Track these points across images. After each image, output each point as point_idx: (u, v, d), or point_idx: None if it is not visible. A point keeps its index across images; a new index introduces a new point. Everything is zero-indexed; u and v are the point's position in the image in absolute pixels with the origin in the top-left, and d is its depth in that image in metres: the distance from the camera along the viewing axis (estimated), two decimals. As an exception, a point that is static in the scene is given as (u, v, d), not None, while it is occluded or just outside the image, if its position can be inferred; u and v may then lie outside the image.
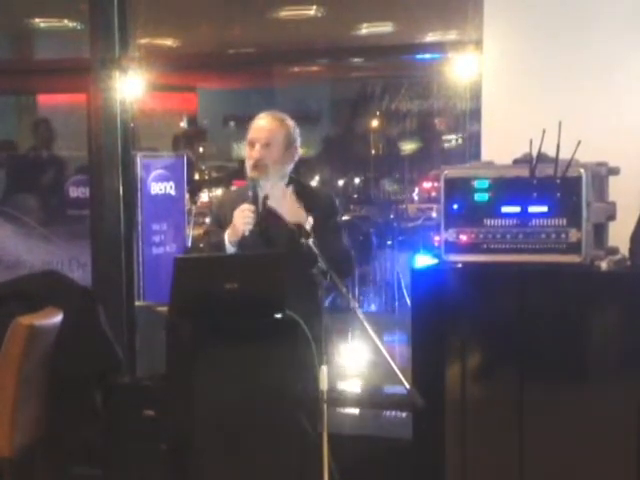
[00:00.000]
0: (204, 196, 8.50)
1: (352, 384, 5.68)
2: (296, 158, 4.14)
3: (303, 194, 4.01)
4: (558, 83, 4.30)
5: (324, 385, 3.54)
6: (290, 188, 3.99)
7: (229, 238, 3.99)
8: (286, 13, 7.00)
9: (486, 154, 4.39)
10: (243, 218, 3.93)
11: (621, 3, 4.25)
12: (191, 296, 3.67)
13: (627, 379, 3.69)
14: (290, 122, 4.13)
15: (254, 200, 3.96)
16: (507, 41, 4.40)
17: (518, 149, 3.80)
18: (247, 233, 3.92)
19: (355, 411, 5.21)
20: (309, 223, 3.86)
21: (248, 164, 4.06)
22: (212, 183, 9.06)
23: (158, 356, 4.51)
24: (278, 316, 3.64)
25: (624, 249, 3.85)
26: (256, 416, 3.69)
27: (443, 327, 3.88)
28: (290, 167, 4.11)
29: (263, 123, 4.09)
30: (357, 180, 10.46)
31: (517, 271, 3.76)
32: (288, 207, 3.91)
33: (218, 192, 8.40)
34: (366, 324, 3.58)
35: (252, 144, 4.06)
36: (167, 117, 9.57)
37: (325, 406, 3.55)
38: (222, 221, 4.09)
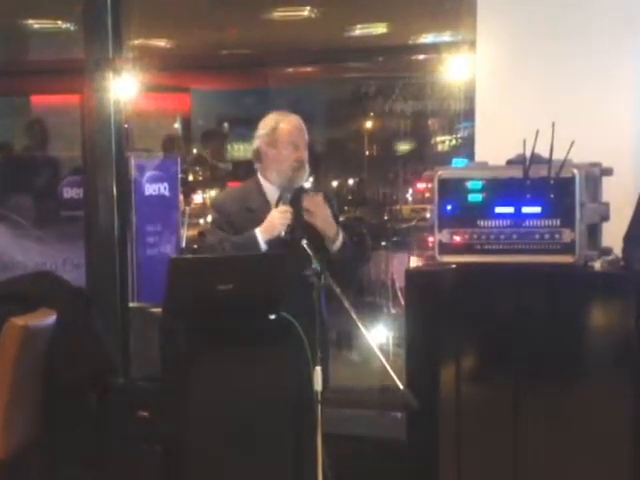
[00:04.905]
0: (197, 197, 8.47)
1: (346, 385, 5.67)
2: None
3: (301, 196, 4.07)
4: (552, 84, 4.30)
5: (318, 386, 3.54)
6: (321, 196, 4.06)
7: (264, 236, 3.96)
8: (280, 14, 6.99)
9: (480, 155, 4.39)
10: (283, 219, 3.95)
11: (614, 6, 4.26)
12: (185, 297, 3.67)
13: (622, 379, 3.69)
14: None
15: (292, 202, 4.01)
16: (501, 42, 4.40)
17: (512, 150, 3.80)
18: (283, 234, 3.95)
19: (349, 411, 5.20)
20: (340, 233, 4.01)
21: (291, 165, 4.06)
22: (206, 184, 9.02)
23: (152, 357, 4.51)
24: (272, 317, 3.65)
25: (617, 249, 3.86)
26: (250, 417, 3.69)
27: (437, 328, 3.88)
28: None
29: (298, 123, 4.11)
30: (351, 181, 10.45)
31: (511, 272, 3.76)
32: (322, 216, 4.00)
33: (212, 193, 8.37)
34: (360, 325, 3.59)
35: (296, 145, 4.08)
36: (161, 118, 9.55)
37: (319, 406, 3.55)
38: (225, 220, 4.06)
